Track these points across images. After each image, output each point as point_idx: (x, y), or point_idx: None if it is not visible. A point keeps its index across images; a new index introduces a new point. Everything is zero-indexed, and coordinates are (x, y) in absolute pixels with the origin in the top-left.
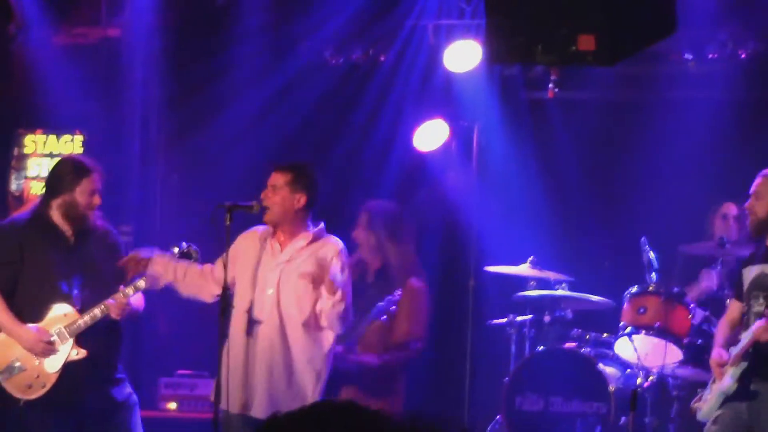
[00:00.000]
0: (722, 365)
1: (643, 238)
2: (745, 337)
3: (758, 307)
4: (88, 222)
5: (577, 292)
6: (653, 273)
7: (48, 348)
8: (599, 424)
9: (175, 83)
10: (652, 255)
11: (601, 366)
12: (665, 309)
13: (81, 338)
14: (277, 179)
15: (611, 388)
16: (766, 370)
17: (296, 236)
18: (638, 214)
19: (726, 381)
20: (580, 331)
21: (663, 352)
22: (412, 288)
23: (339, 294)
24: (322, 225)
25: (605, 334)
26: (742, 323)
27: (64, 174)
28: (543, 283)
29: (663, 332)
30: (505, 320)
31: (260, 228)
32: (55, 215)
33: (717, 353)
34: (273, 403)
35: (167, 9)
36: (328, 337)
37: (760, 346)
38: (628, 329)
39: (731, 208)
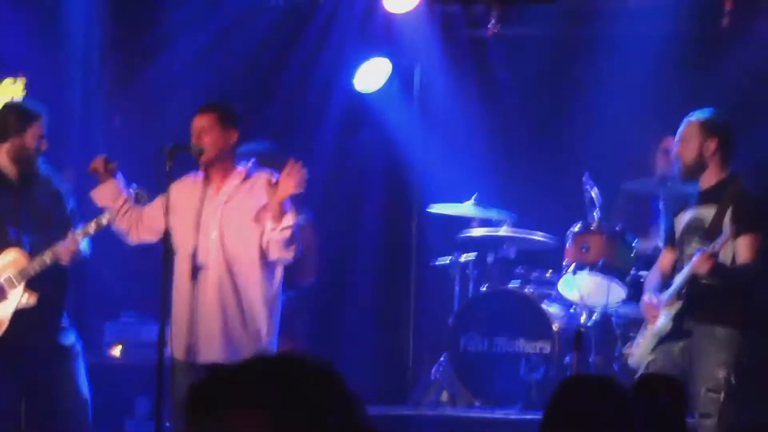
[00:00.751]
0: (654, 309)
1: (585, 175)
2: (681, 275)
3: (690, 250)
4: (34, 166)
5: (521, 230)
6: (596, 210)
7: None
8: (544, 364)
9: (116, 25)
10: (594, 192)
11: (544, 305)
12: (608, 246)
13: (30, 283)
14: (204, 120)
15: (555, 327)
16: (699, 311)
17: (229, 175)
18: (581, 150)
19: (660, 323)
20: (523, 269)
21: (606, 290)
22: None
23: (285, 218)
24: (252, 160)
25: (549, 273)
26: (674, 270)
27: (12, 119)
28: (486, 222)
29: (606, 270)
30: (448, 260)
31: (191, 175)
32: (2, 159)
33: (648, 297)
34: (229, 346)
35: None
36: (277, 274)
37: (694, 286)
38: (572, 267)
39: (673, 143)
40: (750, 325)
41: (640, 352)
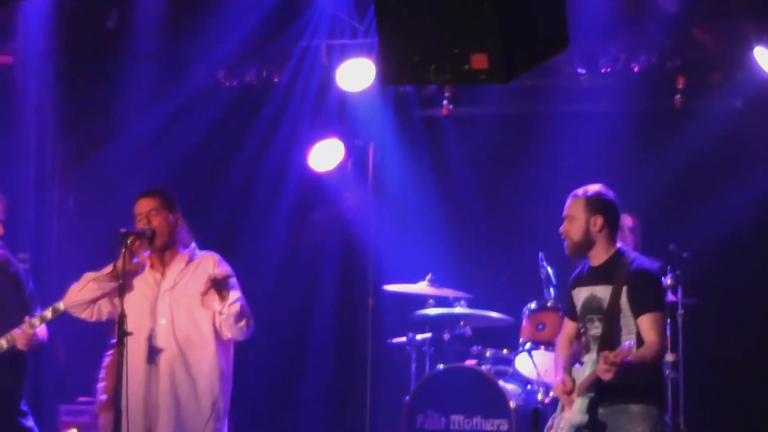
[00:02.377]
0: (568, 393)
1: (540, 254)
2: (587, 368)
3: (594, 330)
4: None
5: (476, 308)
6: (551, 288)
7: None
8: None
9: (69, 107)
10: (549, 270)
11: (501, 383)
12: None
13: None
14: (149, 204)
15: (512, 404)
16: (611, 397)
17: (173, 260)
18: (535, 229)
19: (575, 414)
20: (480, 348)
21: None
22: None
23: (231, 296)
24: (193, 244)
25: (505, 351)
26: (579, 341)
27: None
28: (442, 301)
29: None
30: (404, 339)
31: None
32: None
33: (561, 380)
34: (180, 427)
35: (59, 33)
36: (230, 352)
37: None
38: (528, 345)
39: (627, 220)
40: (662, 399)
41: None
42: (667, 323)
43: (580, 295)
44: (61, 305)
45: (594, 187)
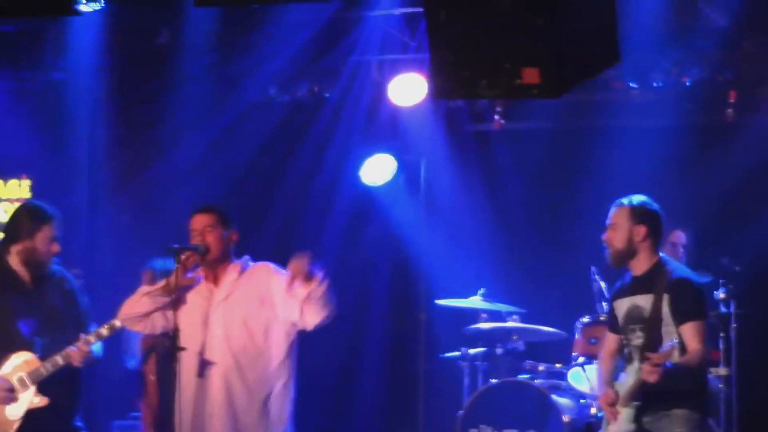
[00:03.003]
0: (612, 405)
1: (593, 268)
2: (631, 377)
3: (637, 340)
4: (46, 268)
5: (529, 323)
6: (604, 302)
7: (8, 396)
8: None
9: (121, 124)
10: (602, 284)
11: (554, 397)
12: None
13: (42, 385)
14: (205, 220)
15: (565, 419)
16: (654, 405)
17: (226, 271)
18: (587, 243)
19: (621, 424)
20: (532, 362)
21: None
22: None
23: (315, 279)
24: (246, 256)
25: (558, 365)
26: (620, 353)
27: (24, 221)
28: (494, 316)
29: None
30: (457, 353)
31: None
32: (14, 261)
33: (604, 393)
34: None
35: (111, 51)
36: (288, 361)
37: (647, 386)
38: (581, 360)
39: (679, 236)
40: (705, 405)
41: None
42: (720, 337)
43: (622, 306)
44: (116, 322)
45: (638, 197)
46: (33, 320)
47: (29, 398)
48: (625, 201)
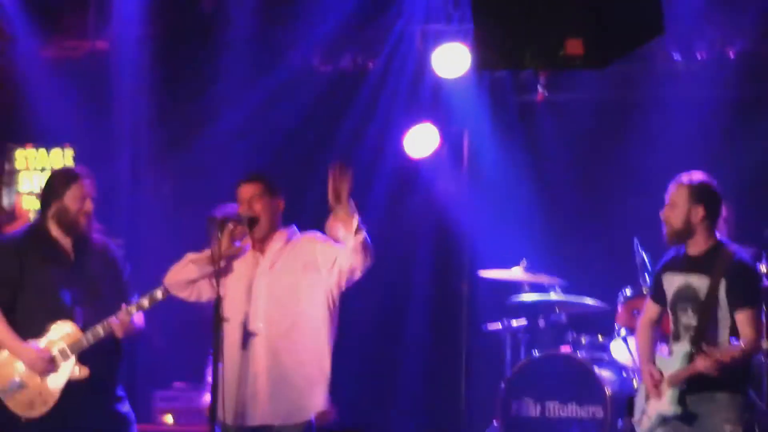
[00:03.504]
0: (656, 384)
1: (635, 239)
2: (678, 360)
3: (687, 319)
4: (81, 229)
5: (572, 295)
6: (646, 275)
7: (49, 366)
8: (596, 428)
9: (163, 94)
10: (645, 256)
11: (597, 370)
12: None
13: (83, 356)
14: (252, 190)
15: (607, 391)
16: (699, 388)
17: (272, 240)
18: (630, 214)
19: (665, 405)
20: (575, 334)
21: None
22: None
23: (354, 220)
24: (293, 226)
25: (600, 337)
26: (660, 325)
27: (53, 182)
28: (537, 287)
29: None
30: (499, 325)
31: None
32: (53, 228)
33: (648, 371)
34: (278, 408)
35: (154, 20)
36: (329, 327)
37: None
38: (623, 332)
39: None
40: (747, 387)
41: (648, 424)
42: (763, 310)
43: (673, 281)
44: (158, 293)
45: (698, 176)
46: (74, 290)
47: (70, 369)
48: (684, 179)
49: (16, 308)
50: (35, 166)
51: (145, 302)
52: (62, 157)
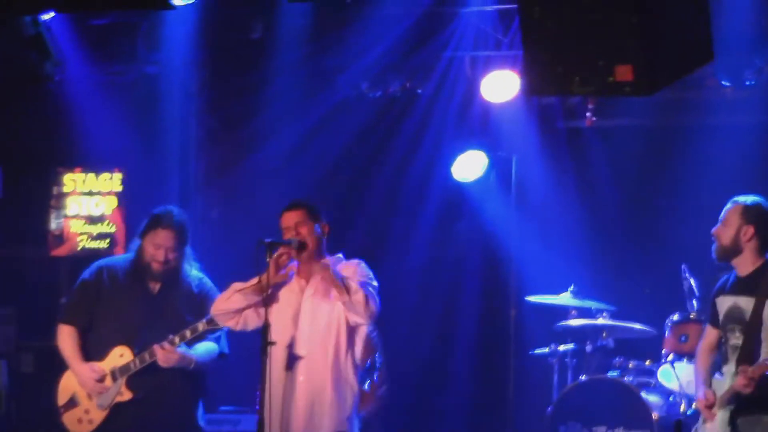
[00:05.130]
0: (710, 407)
1: (683, 266)
2: (726, 380)
3: (735, 340)
4: (153, 273)
5: (619, 320)
6: (694, 300)
7: (98, 386)
8: None
9: (213, 118)
10: (693, 282)
11: (644, 394)
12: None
13: (131, 380)
14: (295, 217)
15: (655, 416)
16: (748, 409)
17: (316, 267)
18: (678, 241)
19: (716, 427)
20: (622, 359)
21: None
22: None
23: (350, 287)
24: (340, 254)
25: (648, 363)
26: (719, 350)
27: (147, 221)
28: (584, 312)
29: None
30: (547, 350)
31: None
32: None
33: (702, 395)
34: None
35: (203, 44)
36: (357, 364)
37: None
38: (671, 357)
39: None
40: None
41: None
42: None
43: (724, 303)
44: (199, 326)
45: (754, 198)
46: (148, 321)
47: (117, 391)
48: (740, 199)
49: (92, 330)
50: (83, 189)
51: (188, 333)
52: (111, 181)
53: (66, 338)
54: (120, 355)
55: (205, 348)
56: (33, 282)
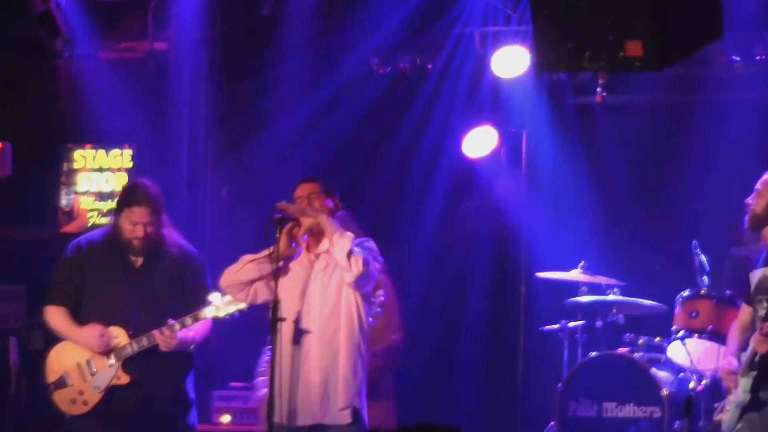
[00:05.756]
0: (733, 374)
1: (693, 242)
2: (749, 348)
3: (762, 311)
4: (133, 250)
5: (629, 296)
6: (705, 276)
7: (104, 341)
8: (653, 429)
9: (222, 96)
10: (703, 258)
11: (654, 370)
12: (717, 312)
13: (127, 363)
14: (310, 188)
15: (664, 392)
16: None
17: (323, 240)
18: (688, 217)
19: (739, 393)
20: (632, 335)
21: (716, 355)
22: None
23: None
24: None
25: (658, 339)
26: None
27: (120, 196)
28: (595, 288)
29: (715, 336)
30: (557, 326)
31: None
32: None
33: (727, 362)
34: (328, 408)
35: (213, 22)
36: (365, 339)
37: (764, 356)
38: (681, 333)
39: None
40: None
41: (728, 418)
42: None
43: (755, 276)
44: (202, 313)
45: None
46: (134, 298)
47: (113, 374)
48: None
49: (80, 310)
50: (94, 166)
51: (188, 320)
52: (121, 158)
53: (57, 316)
54: (115, 337)
55: (201, 322)
56: (43, 259)
